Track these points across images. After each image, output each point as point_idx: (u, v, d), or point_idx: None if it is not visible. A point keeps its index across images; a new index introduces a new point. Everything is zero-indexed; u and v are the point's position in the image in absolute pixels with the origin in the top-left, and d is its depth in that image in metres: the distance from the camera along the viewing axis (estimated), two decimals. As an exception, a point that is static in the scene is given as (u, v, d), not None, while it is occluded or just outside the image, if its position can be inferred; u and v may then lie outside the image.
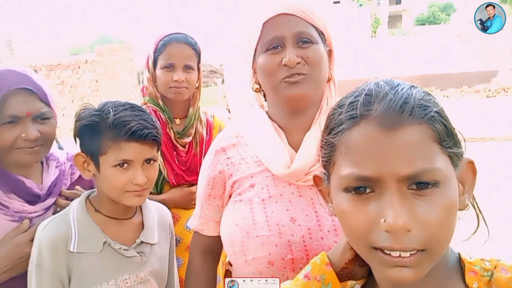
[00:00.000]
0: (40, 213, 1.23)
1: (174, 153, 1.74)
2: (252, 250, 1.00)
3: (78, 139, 1.15)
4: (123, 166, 1.09)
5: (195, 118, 1.80)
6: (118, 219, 1.17)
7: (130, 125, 1.07)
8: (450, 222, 0.58)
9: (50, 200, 1.25)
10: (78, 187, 1.33)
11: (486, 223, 0.67)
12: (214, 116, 1.94)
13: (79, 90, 13.07)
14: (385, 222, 0.55)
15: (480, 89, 15.01)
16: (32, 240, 1.13)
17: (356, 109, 0.60)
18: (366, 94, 0.60)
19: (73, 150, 1.35)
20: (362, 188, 0.59)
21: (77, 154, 1.15)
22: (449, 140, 0.59)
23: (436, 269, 0.60)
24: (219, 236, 1.14)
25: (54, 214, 1.22)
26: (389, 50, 18.52)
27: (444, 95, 14.79)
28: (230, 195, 1.11)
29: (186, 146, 1.77)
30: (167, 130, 1.71)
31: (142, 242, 1.18)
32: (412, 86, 0.61)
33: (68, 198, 1.28)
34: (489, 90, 14.82)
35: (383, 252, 0.57)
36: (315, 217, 0.99)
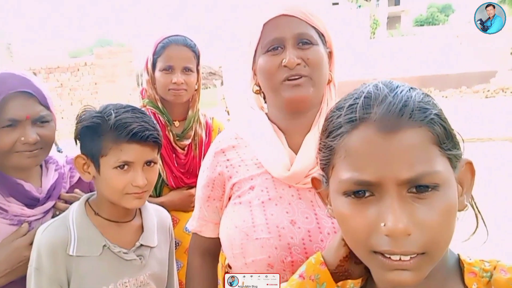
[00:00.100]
0: (39, 216, 1.23)
1: (173, 155, 1.74)
2: (251, 253, 1.00)
3: (78, 141, 1.15)
4: (124, 168, 1.09)
5: (194, 120, 1.79)
6: (117, 222, 1.16)
7: (132, 126, 1.07)
8: (450, 225, 0.58)
9: (49, 203, 1.25)
10: (77, 190, 1.32)
11: (485, 224, 0.67)
12: (213, 118, 1.94)
13: (78, 92, 13.08)
14: (385, 226, 0.55)
15: (479, 89, 15.05)
16: (31, 243, 1.13)
17: (355, 112, 0.59)
18: (365, 96, 0.60)
19: (72, 153, 1.34)
20: (361, 192, 0.58)
21: (77, 156, 1.14)
22: (448, 142, 0.59)
23: (435, 270, 0.60)
24: (218, 238, 1.14)
25: (53, 217, 1.22)
26: (388, 51, 18.54)
27: (443, 96, 14.82)
28: (230, 197, 1.10)
29: (185, 149, 1.76)
30: (166, 132, 1.71)
31: (141, 245, 1.17)
32: (411, 88, 0.61)
33: (67, 202, 1.27)
34: (488, 91, 14.85)
35: (383, 255, 0.57)
36: (315, 219, 0.99)
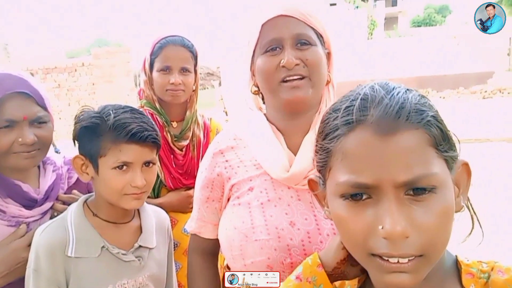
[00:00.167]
0: (37, 217, 1.22)
1: (171, 156, 1.73)
2: (251, 254, 1.00)
3: (76, 142, 1.14)
4: (123, 168, 1.08)
5: (192, 121, 1.79)
6: (116, 223, 1.16)
7: (131, 127, 1.07)
8: (447, 227, 0.58)
9: (47, 204, 1.24)
10: (75, 191, 1.32)
11: (480, 225, 0.67)
12: (211, 118, 1.93)
13: (76, 93, 13.04)
14: (383, 229, 0.55)
15: (476, 90, 15.10)
16: (29, 245, 1.12)
17: (352, 114, 0.59)
18: (361, 98, 0.59)
19: (70, 154, 1.34)
20: (358, 194, 0.58)
21: (75, 157, 1.14)
22: (445, 144, 0.59)
23: (433, 272, 0.60)
24: (217, 239, 1.13)
25: (51, 218, 1.21)
26: (385, 52, 18.57)
27: (440, 97, 14.86)
28: (228, 198, 1.10)
29: (183, 149, 1.76)
30: (164, 133, 1.71)
31: (140, 246, 1.17)
32: (407, 89, 0.61)
33: (65, 203, 1.27)
34: (485, 91, 14.90)
35: (381, 258, 0.57)
36: (314, 220, 0.99)
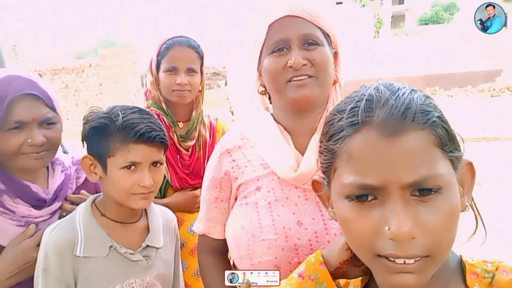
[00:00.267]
0: (46, 217, 1.23)
1: (178, 156, 1.74)
2: (258, 254, 0.99)
3: (85, 142, 1.15)
4: (131, 168, 1.10)
5: (198, 121, 1.79)
6: (123, 223, 1.17)
7: (139, 127, 1.08)
8: (453, 227, 0.58)
9: (56, 204, 1.25)
10: (83, 192, 1.33)
11: (484, 225, 0.67)
12: (217, 119, 1.94)
13: (83, 93, 13.12)
14: (389, 230, 0.55)
15: (484, 88, 14.95)
16: (38, 245, 1.13)
17: (357, 115, 0.59)
18: (366, 99, 0.59)
19: (78, 154, 1.35)
20: (364, 196, 0.58)
21: (84, 157, 1.15)
22: (450, 144, 0.59)
23: (437, 271, 0.60)
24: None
25: (60, 218, 1.22)
26: (392, 50, 18.45)
27: (448, 95, 14.75)
28: (236, 198, 1.10)
29: (190, 150, 1.76)
30: (170, 133, 1.71)
31: (147, 246, 1.18)
32: (412, 90, 0.60)
33: (73, 203, 1.28)
34: (493, 90, 14.76)
35: (387, 259, 0.57)
36: (322, 220, 0.99)
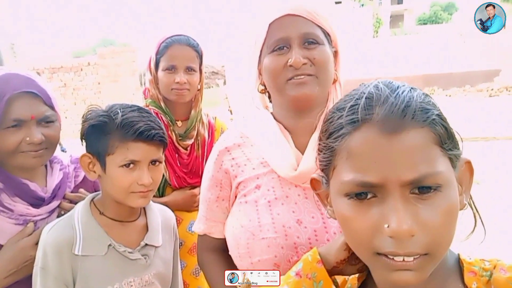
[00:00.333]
0: (44, 216, 1.23)
1: (176, 155, 1.73)
2: (258, 252, 0.99)
3: (84, 140, 1.15)
4: (130, 166, 1.09)
5: (197, 120, 1.79)
6: (122, 222, 1.17)
7: (138, 125, 1.08)
8: (452, 225, 0.58)
9: (55, 203, 1.25)
10: (82, 190, 1.33)
11: (483, 223, 0.67)
12: (216, 117, 1.93)
13: (82, 92, 13.11)
14: (389, 227, 0.55)
15: (482, 88, 14.97)
16: (36, 243, 1.13)
17: (357, 113, 0.59)
18: (366, 97, 0.59)
19: (76, 153, 1.35)
20: (364, 193, 0.58)
21: (83, 155, 1.15)
22: (449, 142, 0.59)
23: (435, 270, 0.60)
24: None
25: (58, 217, 1.22)
26: (391, 50, 18.46)
27: (446, 95, 14.77)
28: (235, 196, 1.10)
29: (188, 149, 1.76)
30: (169, 132, 1.71)
31: (146, 244, 1.18)
32: (411, 88, 0.61)
33: (72, 201, 1.28)
34: (491, 89, 14.78)
35: (387, 257, 0.57)
36: (321, 219, 0.99)
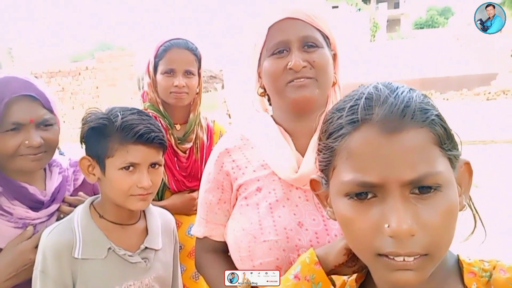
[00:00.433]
0: (43, 219, 1.23)
1: (175, 159, 1.73)
2: (259, 255, 0.99)
3: (84, 143, 1.15)
4: (129, 169, 1.09)
5: (196, 124, 1.79)
6: (122, 225, 1.16)
7: (138, 128, 1.08)
8: (452, 226, 0.58)
9: (54, 206, 1.25)
10: (81, 193, 1.33)
11: (483, 224, 0.67)
12: (214, 121, 1.93)
13: (80, 96, 13.10)
14: (389, 227, 0.55)
15: (479, 92, 15.05)
16: (36, 246, 1.13)
17: (356, 113, 0.59)
18: (366, 98, 0.60)
19: (74, 157, 1.35)
20: (364, 193, 0.58)
21: (82, 158, 1.14)
22: (448, 142, 0.59)
23: (435, 270, 0.60)
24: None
25: (57, 220, 1.22)
26: (388, 54, 18.55)
27: (444, 98, 14.83)
28: (236, 198, 1.10)
29: (187, 152, 1.76)
30: (168, 136, 1.70)
31: (146, 248, 1.17)
32: (411, 89, 0.61)
33: (71, 205, 1.27)
34: (488, 93, 14.85)
35: (387, 257, 0.57)
36: (322, 221, 0.99)
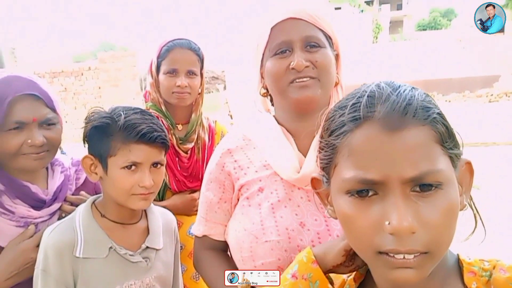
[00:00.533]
0: (45, 218, 1.23)
1: (176, 159, 1.73)
2: (261, 255, 0.99)
3: (86, 142, 1.15)
4: (131, 168, 1.10)
5: (198, 124, 1.79)
6: (123, 224, 1.17)
7: (140, 127, 1.08)
8: (452, 224, 0.58)
9: (56, 205, 1.25)
10: (83, 193, 1.33)
11: (483, 223, 0.67)
12: (216, 121, 1.93)
13: (82, 97, 13.14)
14: (389, 224, 0.55)
15: (482, 93, 15.01)
16: (38, 245, 1.13)
17: (359, 110, 0.59)
18: (368, 95, 0.60)
19: (77, 156, 1.35)
20: (365, 191, 0.58)
21: (85, 157, 1.15)
22: (450, 141, 0.60)
23: (435, 270, 0.60)
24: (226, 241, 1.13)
25: (59, 219, 1.22)
26: (390, 55, 18.52)
27: (446, 100, 14.79)
28: (238, 199, 1.10)
29: (188, 152, 1.76)
30: (170, 136, 1.70)
31: (147, 247, 1.18)
32: (413, 87, 0.61)
33: (73, 204, 1.28)
34: (491, 95, 14.81)
35: (388, 255, 0.57)
36: (324, 221, 0.99)
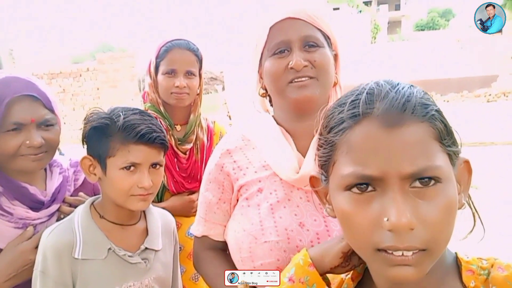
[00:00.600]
0: (44, 219, 1.23)
1: (175, 160, 1.73)
2: (260, 256, 0.99)
3: (85, 143, 1.15)
4: (130, 169, 1.09)
5: (196, 125, 1.79)
6: (122, 225, 1.16)
7: (139, 128, 1.08)
8: (451, 222, 0.58)
9: (54, 206, 1.25)
10: (81, 194, 1.33)
11: (482, 222, 0.67)
12: (214, 122, 1.93)
13: (81, 98, 13.13)
14: (388, 221, 0.55)
15: (480, 93, 15.04)
16: (36, 247, 1.13)
17: (358, 107, 0.60)
18: (367, 92, 0.60)
19: (75, 157, 1.35)
20: (364, 184, 0.58)
21: (83, 157, 1.14)
22: (448, 138, 0.60)
23: (433, 268, 0.60)
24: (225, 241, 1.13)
25: (58, 220, 1.22)
26: (389, 55, 18.56)
27: (444, 100, 14.82)
28: (237, 199, 1.09)
29: (187, 153, 1.76)
30: (168, 136, 1.70)
31: (146, 248, 1.17)
32: (411, 85, 0.62)
33: (71, 205, 1.27)
34: (489, 95, 14.85)
35: (386, 252, 0.57)
36: (323, 222, 0.99)
